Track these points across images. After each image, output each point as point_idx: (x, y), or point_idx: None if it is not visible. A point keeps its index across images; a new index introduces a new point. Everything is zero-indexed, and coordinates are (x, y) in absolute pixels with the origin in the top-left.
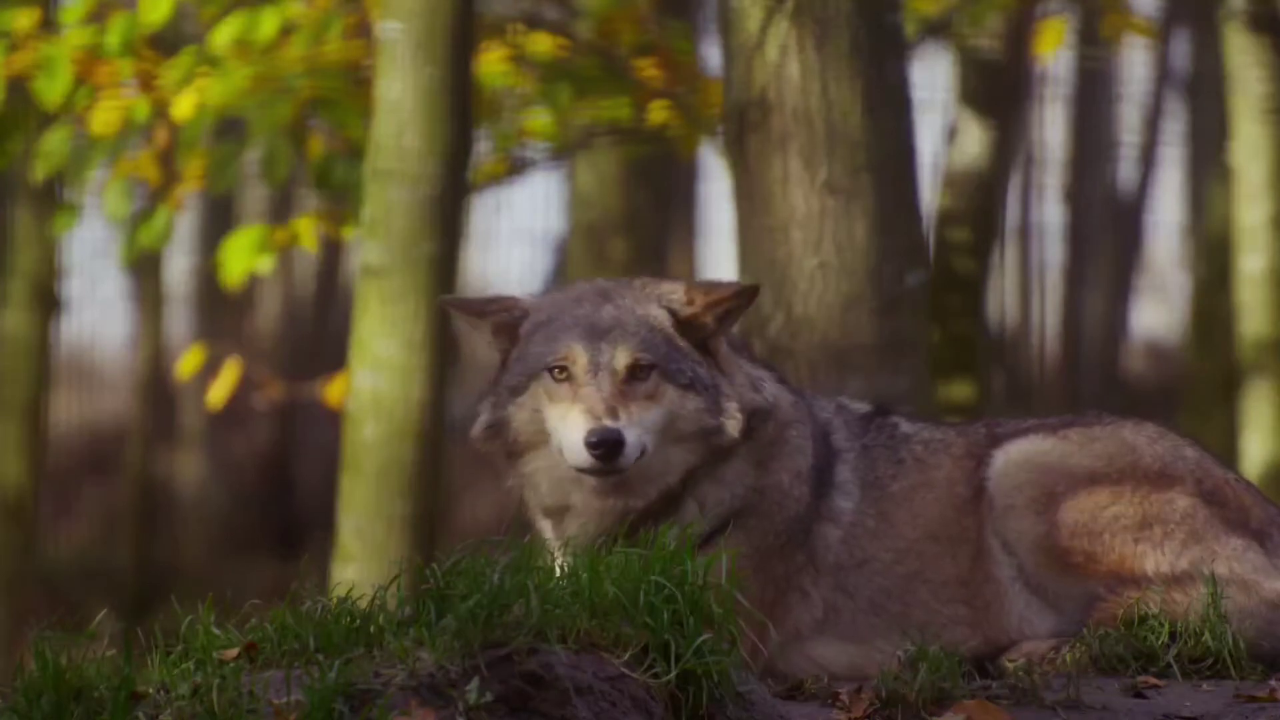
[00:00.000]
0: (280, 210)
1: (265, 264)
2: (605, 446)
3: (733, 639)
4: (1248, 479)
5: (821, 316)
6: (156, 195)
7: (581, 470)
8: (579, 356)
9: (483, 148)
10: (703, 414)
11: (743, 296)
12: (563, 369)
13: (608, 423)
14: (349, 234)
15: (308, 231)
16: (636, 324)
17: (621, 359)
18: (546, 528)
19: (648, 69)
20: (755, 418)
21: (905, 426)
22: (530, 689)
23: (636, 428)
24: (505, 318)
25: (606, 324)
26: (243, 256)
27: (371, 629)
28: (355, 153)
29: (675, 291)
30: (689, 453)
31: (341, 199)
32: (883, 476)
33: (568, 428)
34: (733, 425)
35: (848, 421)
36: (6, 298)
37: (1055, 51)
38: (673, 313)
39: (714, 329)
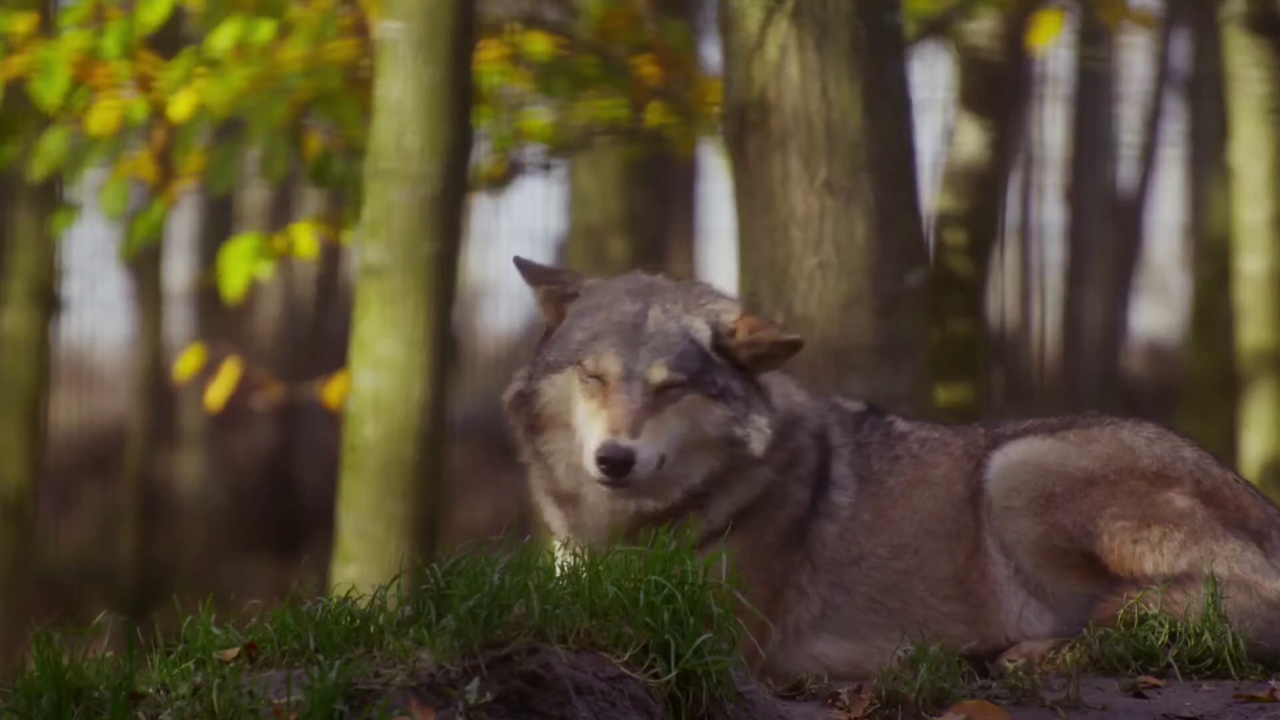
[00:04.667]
0: (279, 210)
1: (265, 271)
2: (612, 464)
3: (733, 639)
4: (1247, 479)
5: (821, 316)
6: (154, 193)
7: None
8: (612, 366)
9: (482, 149)
10: (730, 423)
11: (780, 347)
12: (596, 376)
13: (623, 441)
14: (349, 238)
15: (306, 238)
16: (678, 335)
17: (656, 374)
18: (555, 516)
19: (646, 68)
20: (786, 429)
21: (901, 425)
22: (530, 689)
23: (655, 444)
24: (556, 290)
25: (649, 331)
26: (242, 264)
27: (371, 629)
28: (353, 151)
29: (729, 313)
30: (713, 459)
31: (340, 200)
32: (879, 472)
33: (588, 433)
34: (758, 440)
35: (842, 419)
36: (6, 298)
37: (1052, 43)
38: (716, 332)
39: (748, 363)
